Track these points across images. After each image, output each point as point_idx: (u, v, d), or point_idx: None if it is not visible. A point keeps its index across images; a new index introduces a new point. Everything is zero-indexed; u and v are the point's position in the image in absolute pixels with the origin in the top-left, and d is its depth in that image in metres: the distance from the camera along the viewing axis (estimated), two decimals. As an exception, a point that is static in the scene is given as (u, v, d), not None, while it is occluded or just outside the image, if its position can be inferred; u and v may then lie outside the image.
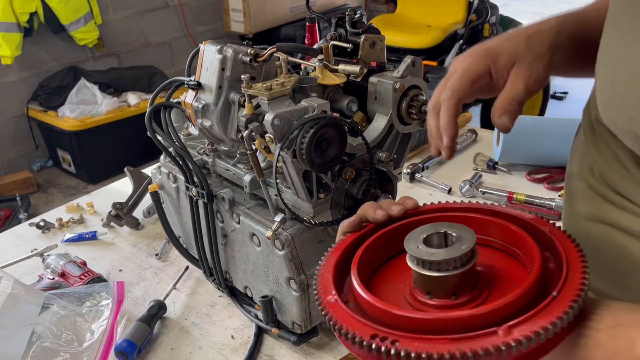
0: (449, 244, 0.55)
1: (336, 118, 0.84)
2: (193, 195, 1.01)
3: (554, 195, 1.41)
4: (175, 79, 1.01)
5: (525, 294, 0.49)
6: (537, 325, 0.46)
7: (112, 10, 4.17)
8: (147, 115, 0.97)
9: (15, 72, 3.85)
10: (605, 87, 0.67)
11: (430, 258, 0.52)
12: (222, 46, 0.91)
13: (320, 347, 1.02)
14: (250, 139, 0.87)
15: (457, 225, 0.56)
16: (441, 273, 0.52)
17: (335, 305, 0.54)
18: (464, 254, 0.52)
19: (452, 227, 0.56)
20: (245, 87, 0.86)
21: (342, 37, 0.99)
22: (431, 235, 0.56)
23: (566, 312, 0.47)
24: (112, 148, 3.88)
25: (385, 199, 0.70)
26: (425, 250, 0.54)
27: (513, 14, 4.65)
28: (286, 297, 0.94)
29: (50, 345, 0.98)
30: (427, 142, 1.71)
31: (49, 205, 3.59)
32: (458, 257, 0.52)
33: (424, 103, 0.91)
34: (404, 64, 0.92)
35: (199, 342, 1.05)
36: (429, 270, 0.53)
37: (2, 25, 3.49)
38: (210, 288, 1.18)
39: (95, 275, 1.19)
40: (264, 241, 0.93)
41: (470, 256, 0.53)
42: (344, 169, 0.88)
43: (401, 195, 0.96)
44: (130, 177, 1.46)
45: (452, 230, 0.56)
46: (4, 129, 3.91)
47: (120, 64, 4.32)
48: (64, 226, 1.44)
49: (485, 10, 3.80)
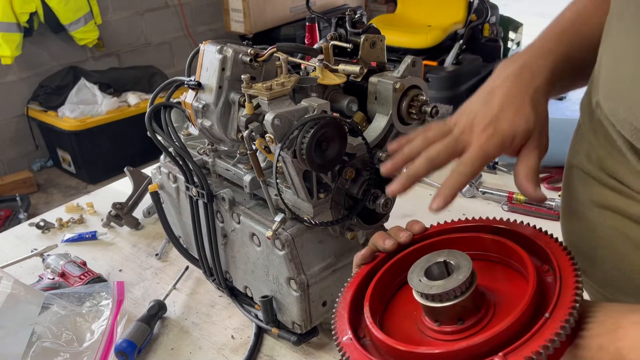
0: (450, 272, 0.58)
1: (336, 118, 0.84)
2: (193, 195, 1.01)
3: (554, 195, 1.41)
4: (175, 79, 1.01)
5: (521, 317, 0.53)
6: (530, 350, 0.49)
7: (112, 10, 4.16)
8: (147, 115, 0.97)
9: (15, 72, 3.85)
10: (608, 78, 0.68)
11: (431, 291, 0.56)
12: (222, 46, 0.91)
13: (320, 347, 1.02)
14: (250, 139, 0.87)
15: (455, 253, 0.60)
16: (443, 303, 0.56)
17: (351, 345, 0.59)
18: (462, 284, 0.56)
19: (451, 255, 0.60)
20: (245, 87, 0.86)
21: (342, 37, 0.99)
22: (431, 266, 0.60)
23: (558, 333, 0.50)
24: (112, 148, 3.88)
25: (393, 227, 0.73)
26: (426, 284, 0.58)
27: (513, 14, 4.65)
28: (286, 297, 0.94)
29: (50, 345, 0.98)
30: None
31: (49, 205, 3.59)
32: (457, 287, 0.56)
33: (424, 103, 0.91)
34: (404, 64, 0.92)
35: (199, 342, 1.05)
36: (432, 302, 0.57)
37: (2, 25, 3.49)
38: (210, 288, 1.18)
39: (95, 275, 1.19)
40: (264, 241, 0.93)
41: (468, 284, 0.56)
42: (344, 169, 0.88)
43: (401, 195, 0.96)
44: (130, 177, 1.46)
45: (451, 258, 0.59)
46: (4, 129, 3.91)
47: (120, 64, 4.32)
48: (64, 226, 1.44)
49: (485, 10, 3.79)
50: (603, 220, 0.72)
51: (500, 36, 4.21)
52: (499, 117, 0.69)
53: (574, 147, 0.80)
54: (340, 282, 0.98)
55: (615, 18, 0.67)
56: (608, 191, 0.71)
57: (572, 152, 0.80)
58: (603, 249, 0.73)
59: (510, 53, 4.46)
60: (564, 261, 0.58)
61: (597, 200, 0.72)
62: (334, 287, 0.97)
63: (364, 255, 0.70)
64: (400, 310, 0.65)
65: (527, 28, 4.51)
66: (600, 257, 0.74)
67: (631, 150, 0.65)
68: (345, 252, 0.97)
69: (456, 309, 0.56)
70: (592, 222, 0.74)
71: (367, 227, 0.94)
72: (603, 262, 0.74)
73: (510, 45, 4.51)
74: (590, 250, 0.76)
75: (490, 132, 0.68)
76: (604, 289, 0.76)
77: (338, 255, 0.97)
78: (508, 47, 4.47)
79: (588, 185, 0.75)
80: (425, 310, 0.59)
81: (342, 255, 0.97)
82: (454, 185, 0.66)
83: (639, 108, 0.61)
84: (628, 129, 0.64)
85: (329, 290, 0.96)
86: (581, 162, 0.76)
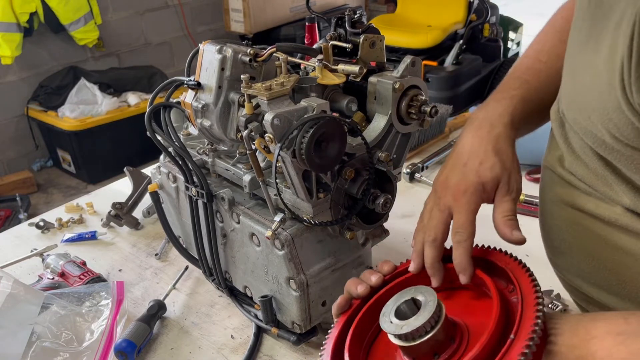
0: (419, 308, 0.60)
1: (336, 118, 0.84)
2: (193, 195, 1.01)
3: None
4: (175, 79, 1.01)
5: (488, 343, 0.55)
6: None
7: (112, 10, 4.16)
8: (146, 115, 0.97)
9: (15, 72, 3.85)
10: (568, 90, 0.72)
11: (402, 331, 0.58)
12: (221, 46, 0.91)
13: (320, 346, 1.01)
14: (250, 139, 0.87)
15: (421, 289, 0.62)
16: (416, 341, 0.58)
17: None
18: (429, 319, 0.58)
19: (417, 292, 0.62)
20: (245, 87, 0.86)
21: (342, 37, 0.99)
22: (400, 305, 0.62)
23: (524, 352, 0.52)
24: (112, 148, 3.88)
25: (365, 270, 0.77)
26: (397, 324, 0.60)
27: (513, 14, 4.65)
28: (286, 297, 0.94)
29: (50, 345, 0.98)
30: (426, 142, 1.71)
31: (48, 205, 3.59)
32: (426, 322, 0.57)
33: (424, 103, 0.91)
34: (403, 63, 0.92)
35: (198, 341, 1.05)
36: (405, 341, 0.59)
37: (2, 25, 3.49)
38: (209, 288, 1.18)
39: (95, 275, 1.19)
40: (263, 241, 0.93)
41: (437, 317, 0.58)
42: (343, 169, 0.88)
43: (401, 195, 0.96)
44: (130, 177, 1.46)
45: (417, 294, 0.61)
46: (4, 129, 3.91)
47: (120, 64, 4.32)
48: (64, 226, 1.44)
49: (485, 10, 3.80)
50: (574, 219, 0.75)
51: (500, 36, 4.22)
52: (465, 173, 0.75)
53: (549, 150, 0.83)
54: (339, 282, 0.98)
55: (573, 32, 0.70)
56: (579, 193, 0.74)
57: (547, 155, 0.83)
58: (575, 245, 0.77)
59: (510, 53, 4.46)
60: (524, 279, 0.61)
61: (569, 201, 0.76)
62: (333, 287, 0.97)
63: (339, 305, 0.74)
64: (381, 352, 0.68)
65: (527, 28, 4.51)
66: (572, 257, 0.78)
67: (596, 157, 0.68)
68: (344, 252, 0.98)
69: (430, 344, 0.58)
70: (565, 220, 0.77)
71: (366, 227, 0.94)
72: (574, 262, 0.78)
73: (510, 45, 4.50)
74: (564, 245, 0.80)
75: (462, 188, 0.74)
76: (577, 282, 0.80)
77: (337, 255, 0.97)
78: (508, 47, 4.47)
79: (560, 186, 0.78)
80: (401, 350, 0.61)
81: (341, 255, 0.97)
82: (462, 255, 0.70)
83: (597, 117, 0.63)
84: (590, 137, 0.67)
85: (328, 290, 0.96)
86: (554, 165, 0.79)
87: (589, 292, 0.77)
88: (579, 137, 0.70)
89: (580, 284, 0.79)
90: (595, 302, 0.77)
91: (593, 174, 0.71)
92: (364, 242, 0.99)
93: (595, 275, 0.75)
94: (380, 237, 1.02)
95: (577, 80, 0.68)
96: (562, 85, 0.75)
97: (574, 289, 0.82)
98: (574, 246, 0.77)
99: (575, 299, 0.85)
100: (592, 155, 0.69)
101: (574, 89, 0.69)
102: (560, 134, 0.77)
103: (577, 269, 0.78)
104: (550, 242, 0.84)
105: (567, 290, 0.86)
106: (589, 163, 0.71)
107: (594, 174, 0.70)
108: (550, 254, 0.85)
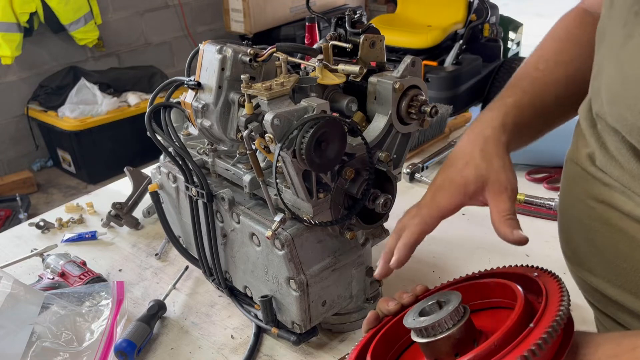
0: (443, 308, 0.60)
1: (336, 118, 0.84)
2: (193, 195, 1.01)
3: (553, 195, 1.41)
4: (175, 79, 1.01)
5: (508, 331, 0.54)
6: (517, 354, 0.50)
7: (112, 10, 4.17)
8: (146, 115, 0.97)
9: (15, 72, 3.86)
10: (613, 85, 0.68)
11: (421, 325, 0.57)
12: (221, 46, 0.91)
13: (319, 346, 1.02)
14: (250, 139, 0.87)
15: (446, 292, 0.62)
16: (437, 337, 0.57)
17: None
18: (452, 312, 0.57)
19: (442, 295, 0.61)
20: (245, 87, 0.86)
21: (342, 37, 0.99)
22: (425, 307, 0.61)
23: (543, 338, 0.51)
24: (112, 148, 3.88)
25: (398, 292, 0.76)
26: (418, 320, 0.59)
27: (513, 14, 4.65)
28: (286, 296, 0.94)
29: (50, 345, 0.98)
30: (426, 142, 1.71)
31: (49, 205, 3.59)
32: (447, 316, 0.57)
33: (424, 103, 0.91)
34: (403, 64, 0.92)
35: (198, 341, 1.05)
36: (426, 337, 0.57)
37: (2, 25, 3.49)
38: (209, 288, 1.18)
39: (95, 275, 1.19)
40: (263, 241, 0.93)
41: (458, 317, 0.57)
42: (343, 169, 0.88)
43: (401, 195, 0.96)
44: (130, 177, 1.46)
45: (442, 297, 0.61)
46: (4, 129, 3.91)
47: (120, 64, 4.32)
48: (64, 226, 1.44)
49: (485, 10, 3.80)
50: (606, 218, 0.72)
51: (500, 36, 4.22)
52: (449, 173, 0.78)
53: (576, 146, 0.80)
54: (339, 282, 0.98)
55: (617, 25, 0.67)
56: (613, 192, 0.71)
57: (574, 150, 0.81)
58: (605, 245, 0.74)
59: (510, 53, 4.46)
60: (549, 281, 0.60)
61: (602, 199, 0.73)
62: (333, 287, 0.97)
63: (369, 320, 0.73)
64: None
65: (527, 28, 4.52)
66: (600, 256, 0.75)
67: (634, 158, 0.66)
68: (344, 251, 0.98)
69: (451, 341, 0.57)
70: (594, 219, 0.75)
71: (366, 227, 0.94)
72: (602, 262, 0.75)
73: (510, 45, 4.50)
74: (588, 244, 0.77)
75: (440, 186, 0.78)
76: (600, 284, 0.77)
77: (337, 255, 0.97)
78: (508, 47, 4.47)
79: (591, 183, 0.75)
80: (423, 350, 0.60)
81: (341, 255, 0.97)
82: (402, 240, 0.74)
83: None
84: (636, 134, 0.64)
85: (328, 290, 0.96)
86: (582, 162, 0.77)
87: (613, 294, 0.74)
88: (619, 138, 0.67)
89: (604, 286, 0.75)
90: (619, 305, 0.74)
91: (629, 175, 0.68)
92: (364, 242, 0.99)
93: (623, 278, 0.71)
94: (381, 237, 1.02)
95: (626, 72, 0.64)
96: (596, 82, 0.72)
97: (594, 290, 0.78)
98: (603, 246, 0.74)
99: (591, 300, 0.82)
100: (629, 157, 0.66)
101: (624, 84, 0.65)
102: (591, 134, 0.74)
103: (603, 270, 0.75)
104: (571, 240, 0.80)
105: (582, 291, 0.83)
106: (625, 164, 0.68)
107: (630, 175, 0.67)
108: (570, 252, 0.82)
